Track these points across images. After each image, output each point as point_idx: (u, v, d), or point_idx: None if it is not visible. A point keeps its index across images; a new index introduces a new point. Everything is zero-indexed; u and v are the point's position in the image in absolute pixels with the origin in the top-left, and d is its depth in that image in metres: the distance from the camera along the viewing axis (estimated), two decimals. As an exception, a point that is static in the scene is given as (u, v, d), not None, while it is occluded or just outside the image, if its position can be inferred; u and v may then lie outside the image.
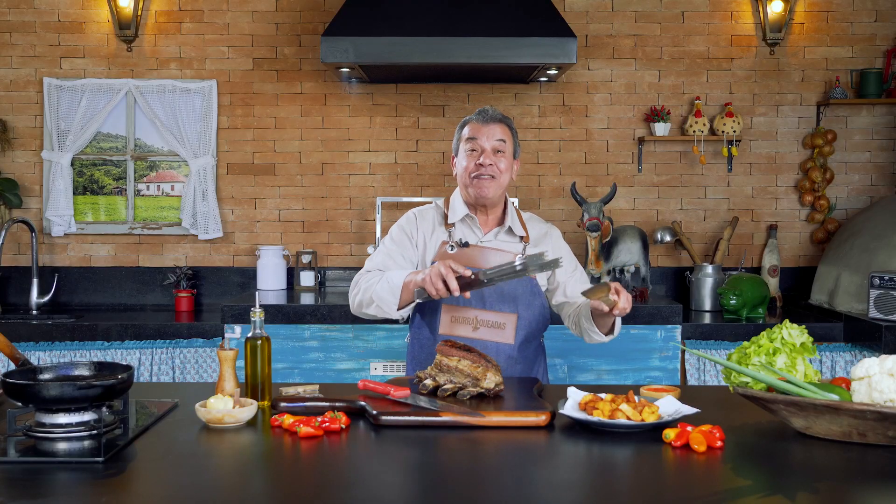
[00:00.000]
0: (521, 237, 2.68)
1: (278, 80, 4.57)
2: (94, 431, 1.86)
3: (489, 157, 2.59)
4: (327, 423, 1.96)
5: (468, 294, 2.36)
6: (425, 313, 2.67)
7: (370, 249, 4.28)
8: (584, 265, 4.22)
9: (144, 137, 4.57)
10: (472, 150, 2.61)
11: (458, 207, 2.67)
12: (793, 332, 2.01)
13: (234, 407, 2.03)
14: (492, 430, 1.99)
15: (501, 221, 2.69)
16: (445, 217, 2.69)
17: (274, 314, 3.83)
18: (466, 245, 2.62)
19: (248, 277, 4.60)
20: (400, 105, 4.57)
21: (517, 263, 2.26)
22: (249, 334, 2.22)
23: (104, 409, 1.95)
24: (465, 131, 2.64)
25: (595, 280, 4.34)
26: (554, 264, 2.27)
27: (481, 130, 2.61)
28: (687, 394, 2.34)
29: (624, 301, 2.38)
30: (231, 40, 4.55)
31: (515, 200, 4.46)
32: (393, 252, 2.67)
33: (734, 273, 4.20)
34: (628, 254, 4.23)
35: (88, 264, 4.59)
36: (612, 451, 1.85)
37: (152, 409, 2.14)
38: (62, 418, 1.86)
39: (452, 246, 2.63)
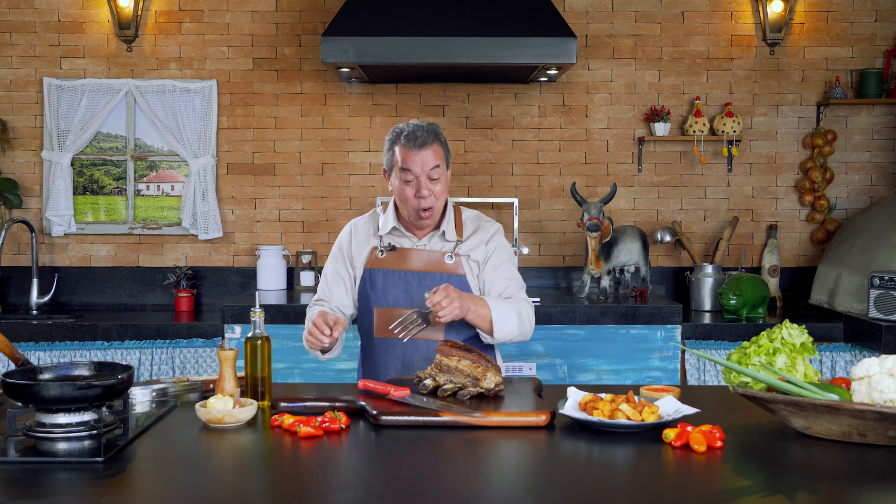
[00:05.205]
0: (456, 240, 2.64)
1: (278, 80, 4.57)
2: (94, 431, 1.86)
3: (426, 186, 2.53)
4: (327, 423, 1.96)
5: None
6: (361, 317, 2.69)
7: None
8: (584, 265, 4.22)
9: (144, 137, 4.57)
10: (408, 181, 2.55)
11: (389, 221, 2.67)
12: (793, 332, 2.01)
13: (234, 407, 2.03)
14: (492, 430, 1.99)
15: (439, 225, 2.66)
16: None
17: (274, 314, 3.83)
18: (393, 249, 2.64)
19: (248, 277, 4.60)
20: (400, 105, 4.57)
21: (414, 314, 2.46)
22: (249, 334, 2.22)
23: (104, 409, 1.95)
24: (398, 156, 2.55)
25: (596, 280, 4.33)
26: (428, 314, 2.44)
27: (414, 159, 2.52)
28: (687, 394, 2.34)
29: (438, 296, 2.38)
30: (231, 40, 4.55)
31: (515, 200, 4.45)
32: (331, 279, 2.71)
33: (734, 273, 4.19)
34: (628, 254, 4.23)
35: (88, 264, 4.59)
36: (612, 451, 1.85)
37: (152, 409, 2.14)
38: (62, 418, 1.86)
39: (381, 251, 2.65)
